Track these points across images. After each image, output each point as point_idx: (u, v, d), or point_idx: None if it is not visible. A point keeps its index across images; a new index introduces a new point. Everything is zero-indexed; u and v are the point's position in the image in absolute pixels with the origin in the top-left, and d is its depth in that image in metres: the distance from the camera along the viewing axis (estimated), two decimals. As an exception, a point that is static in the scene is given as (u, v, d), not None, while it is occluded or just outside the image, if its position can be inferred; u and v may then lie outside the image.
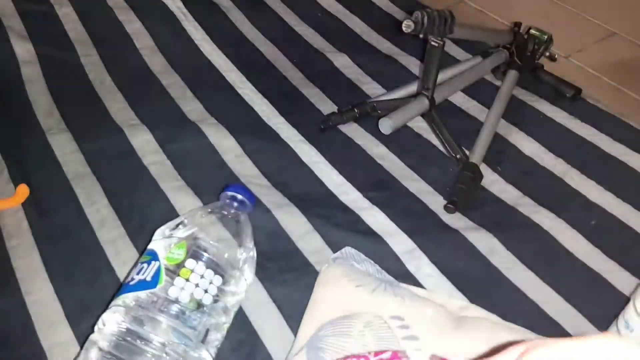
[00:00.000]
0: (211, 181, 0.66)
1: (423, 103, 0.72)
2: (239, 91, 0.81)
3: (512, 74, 0.79)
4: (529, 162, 0.72)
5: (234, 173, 0.68)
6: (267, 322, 0.53)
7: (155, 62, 0.86)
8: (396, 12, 1.00)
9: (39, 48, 0.85)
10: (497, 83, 0.82)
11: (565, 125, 0.77)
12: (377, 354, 0.35)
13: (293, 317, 0.53)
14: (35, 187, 0.64)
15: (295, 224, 0.62)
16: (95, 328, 0.46)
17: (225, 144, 0.72)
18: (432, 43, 0.66)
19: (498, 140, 0.73)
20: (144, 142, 0.71)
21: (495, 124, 0.73)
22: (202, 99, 0.79)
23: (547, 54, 0.84)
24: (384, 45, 0.92)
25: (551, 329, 0.53)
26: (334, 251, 0.58)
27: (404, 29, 0.60)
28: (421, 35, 0.63)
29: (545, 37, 0.82)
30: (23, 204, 0.62)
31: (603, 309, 0.53)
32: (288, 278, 0.57)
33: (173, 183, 0.66)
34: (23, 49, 0.85)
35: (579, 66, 0.93)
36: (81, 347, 0.49)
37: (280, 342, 0.51)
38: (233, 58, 0.87)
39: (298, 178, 0.69)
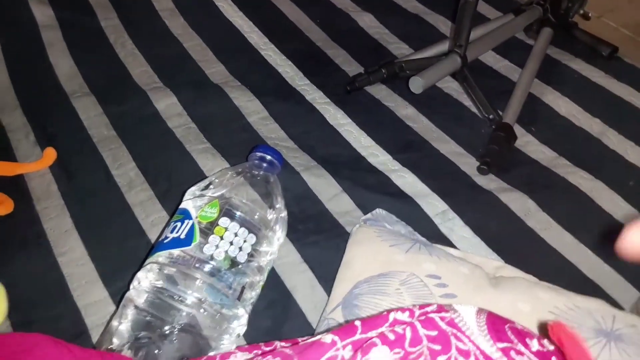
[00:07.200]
0: (237, 143, 0.65)
1: (455, 61, 0.69)
2: (262, 53, 0.79)
3: (546, 32, 0.76)
4: (565, 122, 0.70)
5: (259, 135, 0.67)
6: (300, 281, 0.52)
7: (176, 24, 0.84)
8: (422, -30, 0.96)
9: (59, 12, 0.84)
10: (530, 42, 0.79)
11: (602, 84, 0.74)
12: (422, 306, 0.34)
13: (325, 277, 0.52)
14: (62, 150, 0.63)
15: (324, 186, 0.61)
16: (131, 286, 0.46)
17: (250, 106, 0.71)
18: (466, -3, 0.63)
19: (532, 100, 0.71)
20: (168, 105, 0.70)
21: (529, 83, 0.70)
22: (225, 61, 0.78)
23: (581, 11, 0.81)
24: (410, 3, 0.89)
25: (589, 289, 0.52)
26: (365, 213, 0.57)
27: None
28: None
29: (580, -7, 0.79)
30: (50, 167, 0.62)
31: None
32: (318, 239, 0.56)
33: (199, 145, 0.65)
34: (42, 14, 0.83)
35: (611, 26, 0.90)
36: (116, 305, 0.49)
37: (312, 300, 0.51)
38: (255, 19, 0.85)
39: (325, 140, 0.67)
